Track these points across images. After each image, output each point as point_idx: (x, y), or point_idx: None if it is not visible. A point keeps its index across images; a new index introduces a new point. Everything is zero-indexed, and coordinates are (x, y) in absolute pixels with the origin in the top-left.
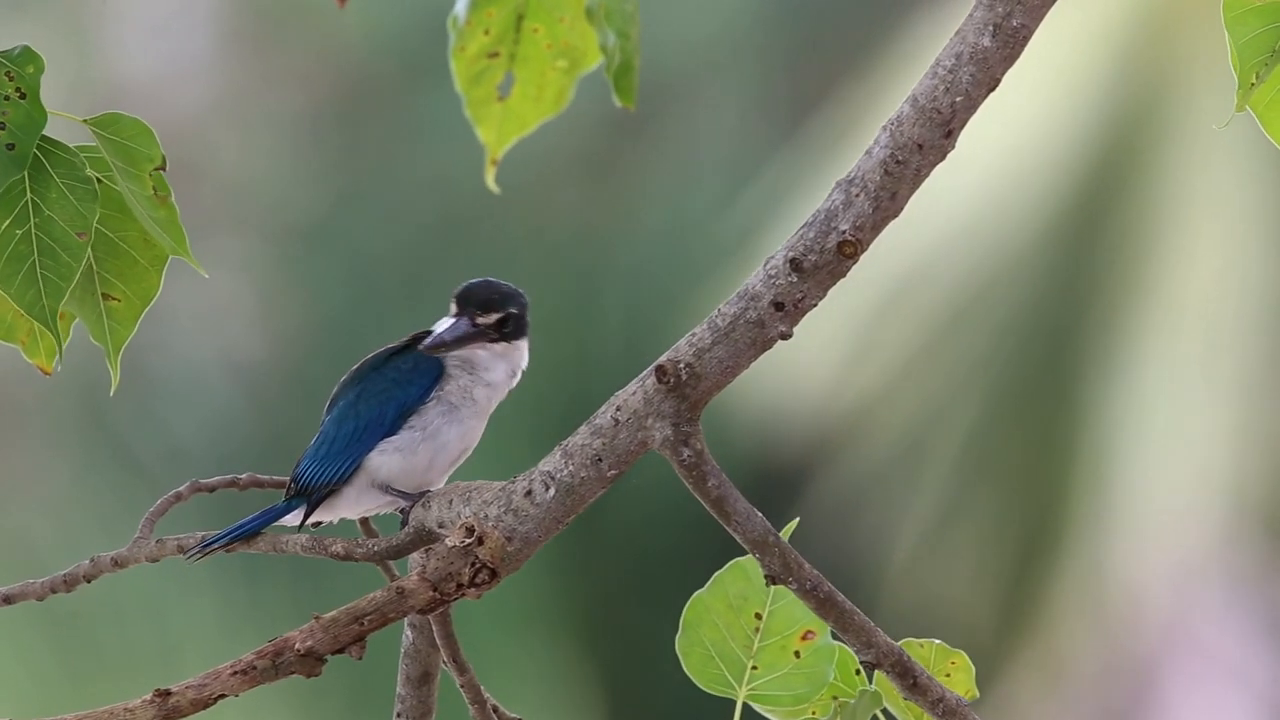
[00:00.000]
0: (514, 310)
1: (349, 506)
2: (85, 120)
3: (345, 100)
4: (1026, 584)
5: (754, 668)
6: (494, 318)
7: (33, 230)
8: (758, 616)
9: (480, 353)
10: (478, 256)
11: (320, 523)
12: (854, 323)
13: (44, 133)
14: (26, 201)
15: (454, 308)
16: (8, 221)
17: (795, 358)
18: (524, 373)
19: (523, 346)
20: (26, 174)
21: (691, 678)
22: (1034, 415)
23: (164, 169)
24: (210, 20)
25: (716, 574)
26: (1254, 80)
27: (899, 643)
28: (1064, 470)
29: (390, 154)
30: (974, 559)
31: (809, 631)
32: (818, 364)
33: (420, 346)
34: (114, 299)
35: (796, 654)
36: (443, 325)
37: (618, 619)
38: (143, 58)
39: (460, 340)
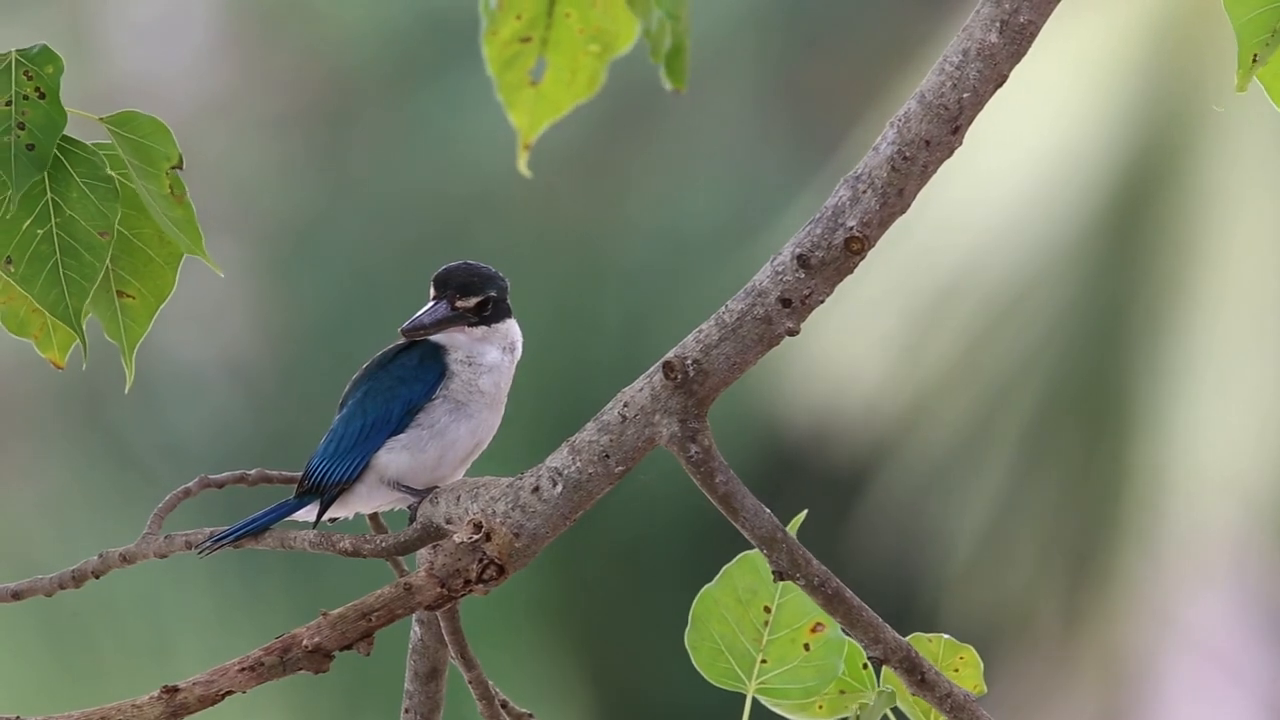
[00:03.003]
0: (493, 294)
1: (361, 502)
2: (102, 119)
3: (339, 102)
4: (1086, 582)
5: (763, 661)
6: (473, 301)
7: (54, 230)
8: (766, 610)
9: (459, 337)
10: (473, 256)
11: (335, 519)
12: (906, 322)
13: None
14: (47, 201)
15: (432, 291)
16: (29, 221)
17: (848, 361)
18: (524, 371)
19: (504, 328)
20: (47, 174)
21: (701, 672)
22: (1084, 413)
23: (180, 168)
24: (203, 22)
25: (725, 568)
26: (1254, 60)
27: (907, 637)
28: (1116, 467)
29: (384, 155)
30: (1034, 556)
31: (818, 624)
32: (871, 365)
33: (400, 329)
34: (129, 296)
35: (806, 647)
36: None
37: (613, 615)
38: (134, 60)
39: (439, 324)
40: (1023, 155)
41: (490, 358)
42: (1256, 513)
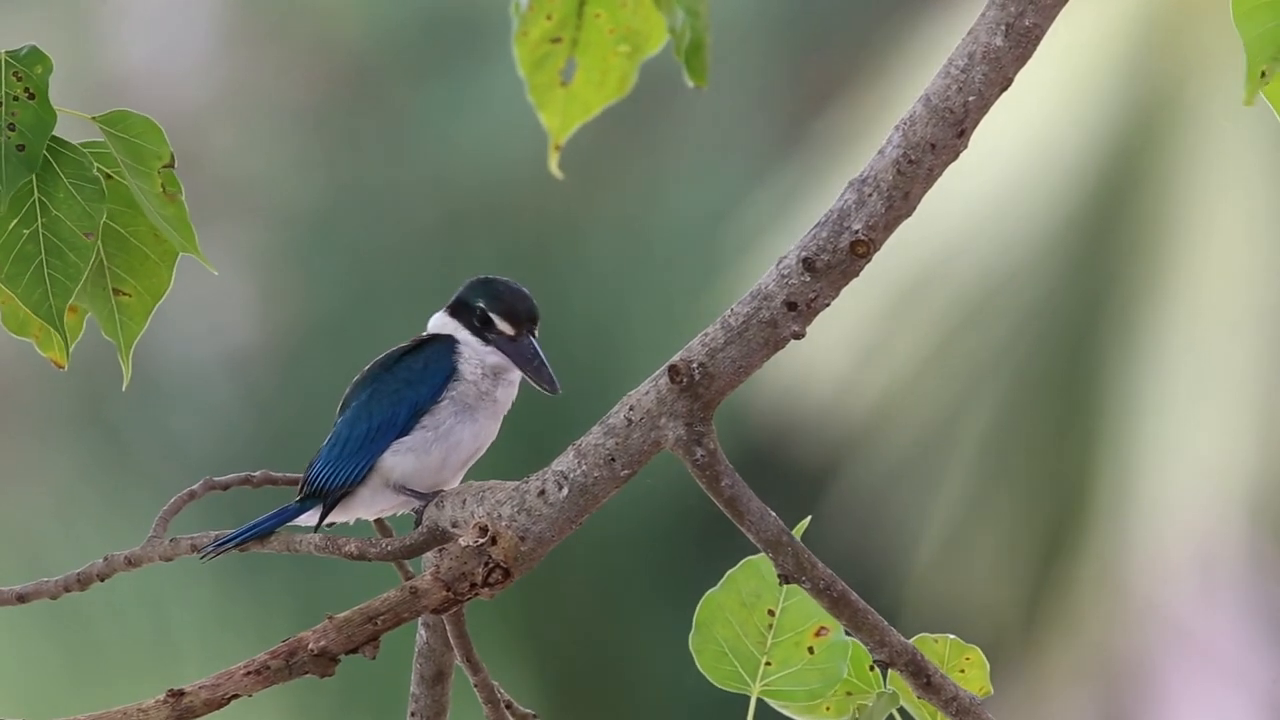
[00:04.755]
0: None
1: (364, 507)
2: (94, 118)
3: (345, 94)
4: (1050, 579)
5: (767, 664)
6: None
7: (40, 230)
8: (771, 613)
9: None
10: (478, 252)
11: (334, 523)
12: (872, 319)
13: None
14: (34, 201)
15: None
16: (15, 221)
17: (814, 355)
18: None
19: None
20: (34, 174)
21: (705, 674)
22: (1053, 410)
23: (173, 166)
24: (210, 13)
25: (729, 572)
26: (1263, 74)
27: (913, 639)
28: (1084, 464)
29: (390, 148)
30: (997, 555)
31: (822, 628)
32: (836, 361)
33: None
34: (125, 294)
35: (810, 650)
36: (470, 345)
37: (587, 618)
38: (141, 50)
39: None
40: (998, 150)
41: (514, 373)
42: (1228, 506)
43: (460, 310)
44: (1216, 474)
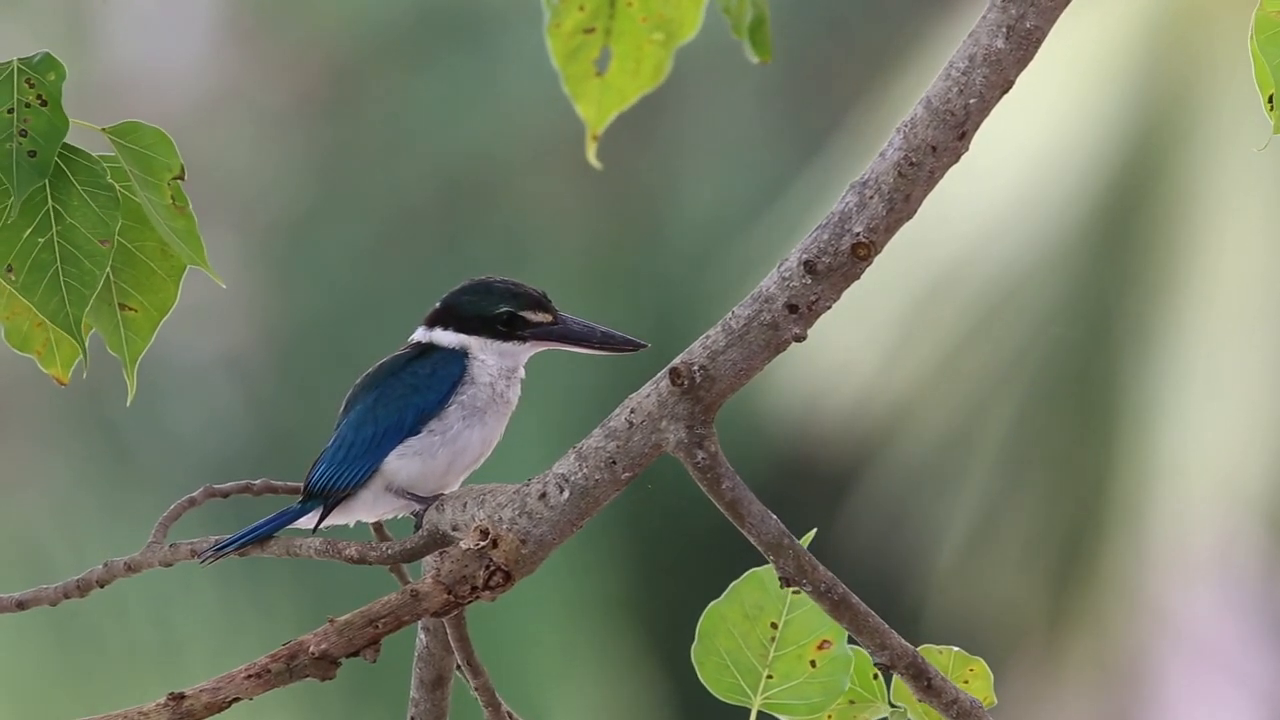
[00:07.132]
0: None
1: (364, 510)
2: (104, 129)
3: (340, 93)
4: (1069, 581)
5: (769, 677)
6: None
7: (55, 238)
8: (773, 626)
9: (529, 352)
10: (470, 248)
11: (338, 526)
12: (893, 321)
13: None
14: (48, 209)
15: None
16: (29, 230)
17: (835, 358)
18: (531, 377)
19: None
20: (48, 182)
21: (706, 686)
22: (1070, 414)
23: (182, 178)
24: (199, 15)
25: (733, 584)
26: None
27: (918, 649)
28: (1102, 467)
29: (384, 147)
30: (1017, 558)
31: (825, 641)
32: (857, 363)
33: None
34: (131, 309)
35: (812, 663)
36: (488, 350)
37: (651, 613)
38: (131, 53)
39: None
40: (1014, 153)
41: (521, 371)
42: (1245, 510)
43: (468, 322)
44: (1232, 477)
